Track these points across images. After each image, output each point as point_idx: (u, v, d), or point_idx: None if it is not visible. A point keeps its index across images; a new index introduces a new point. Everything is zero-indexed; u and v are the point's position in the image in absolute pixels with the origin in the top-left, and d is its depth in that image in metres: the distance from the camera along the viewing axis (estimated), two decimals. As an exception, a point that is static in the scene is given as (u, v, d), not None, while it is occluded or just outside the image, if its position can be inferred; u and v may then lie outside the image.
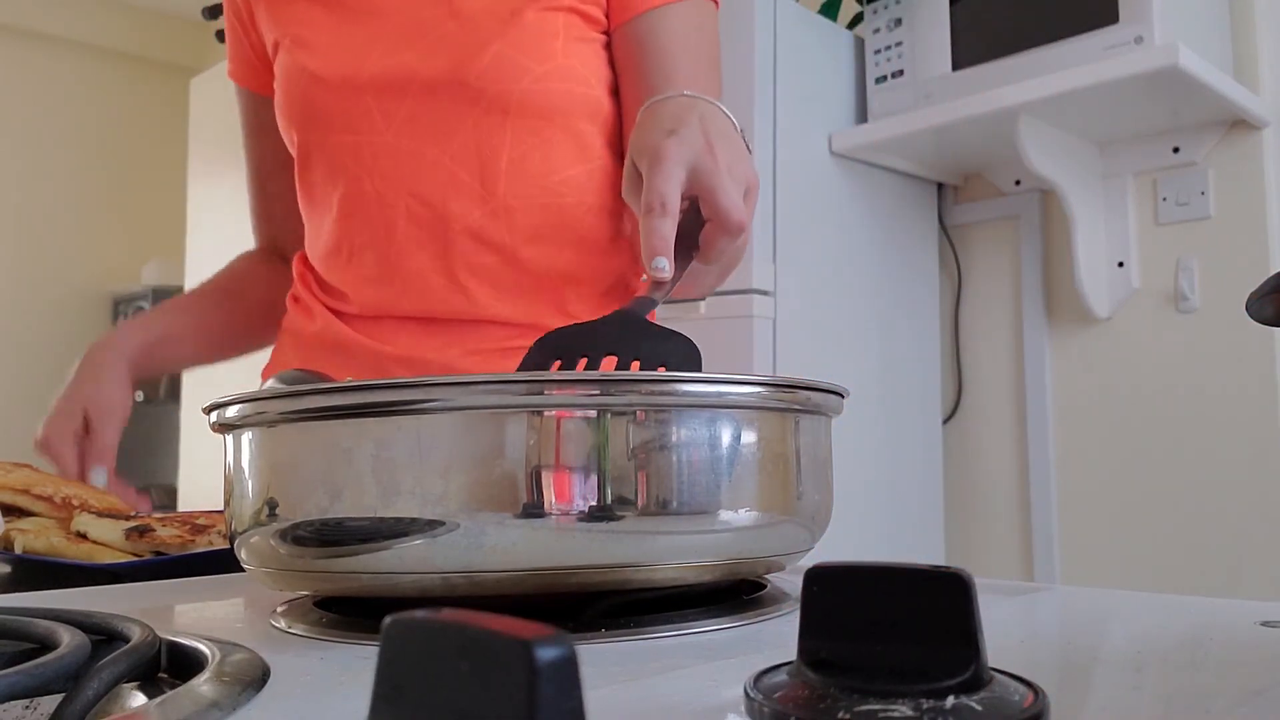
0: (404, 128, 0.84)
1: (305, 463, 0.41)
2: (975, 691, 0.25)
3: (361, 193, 0.87)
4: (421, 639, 0.18)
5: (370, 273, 0.88)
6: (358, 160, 0.86)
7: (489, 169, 0.84)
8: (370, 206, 0.87)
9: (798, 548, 0.45)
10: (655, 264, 0.61)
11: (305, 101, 0.88)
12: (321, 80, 0.86)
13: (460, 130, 0.83)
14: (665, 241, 0.61)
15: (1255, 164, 1.70)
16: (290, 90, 0.89)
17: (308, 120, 0.89)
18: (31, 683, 0.28)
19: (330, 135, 0.87)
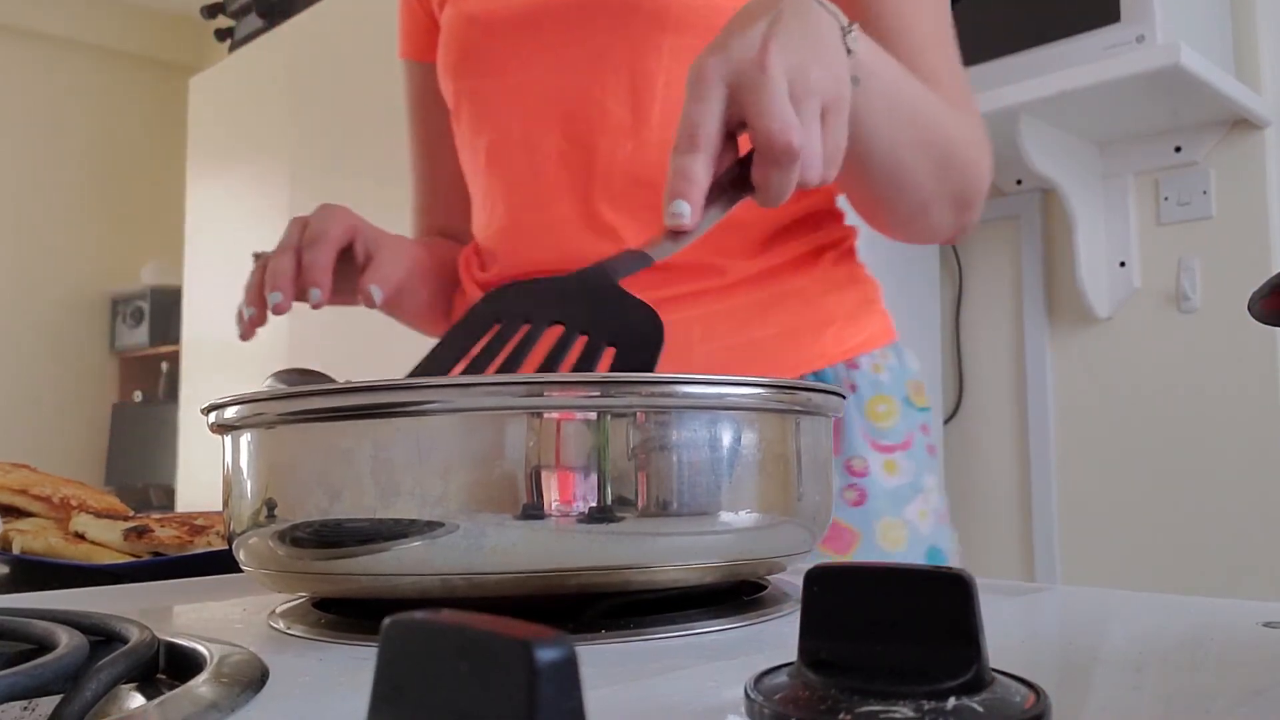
0: (555, 60, 0.78)
1: (304, 464, 0.41)
2: (976, 692, 0.25)
3: (508, 138, 0.81)
4: (421, 640, 0.18)
5: (512, 224, 0.82)
6: (508, 102, 0.81)
7: (642, 96, 0.76)
8: (515, 151, 0.81)
9: (798, 549, 0.45)
10: (672, 208, 0.52)
11: (460, 47, 0.84)
12: (478, 21, 0.82)
13: (612, 55, 0.76)
14: (688, 182, 0.52)
15: (1257, 163, 1.69)
16: (448, 40, 0.85)
17: (461, 66, 0.84)
18: (30, 683, 0.28)
19: (482, 79, 0.82)
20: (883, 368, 0.81)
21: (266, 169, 3.23)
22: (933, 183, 0.72)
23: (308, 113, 3.08)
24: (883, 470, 0.78)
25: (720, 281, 0.77)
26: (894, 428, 0.80)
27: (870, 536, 0.76)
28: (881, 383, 0.80)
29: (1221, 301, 1.72)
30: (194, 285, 3.57)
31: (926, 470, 0.81)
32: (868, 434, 0.78)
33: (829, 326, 0.79)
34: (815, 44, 0.54)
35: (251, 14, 3.36)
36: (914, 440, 0.80)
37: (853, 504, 0.76)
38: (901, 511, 0.77)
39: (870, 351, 0.81)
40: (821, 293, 0.80)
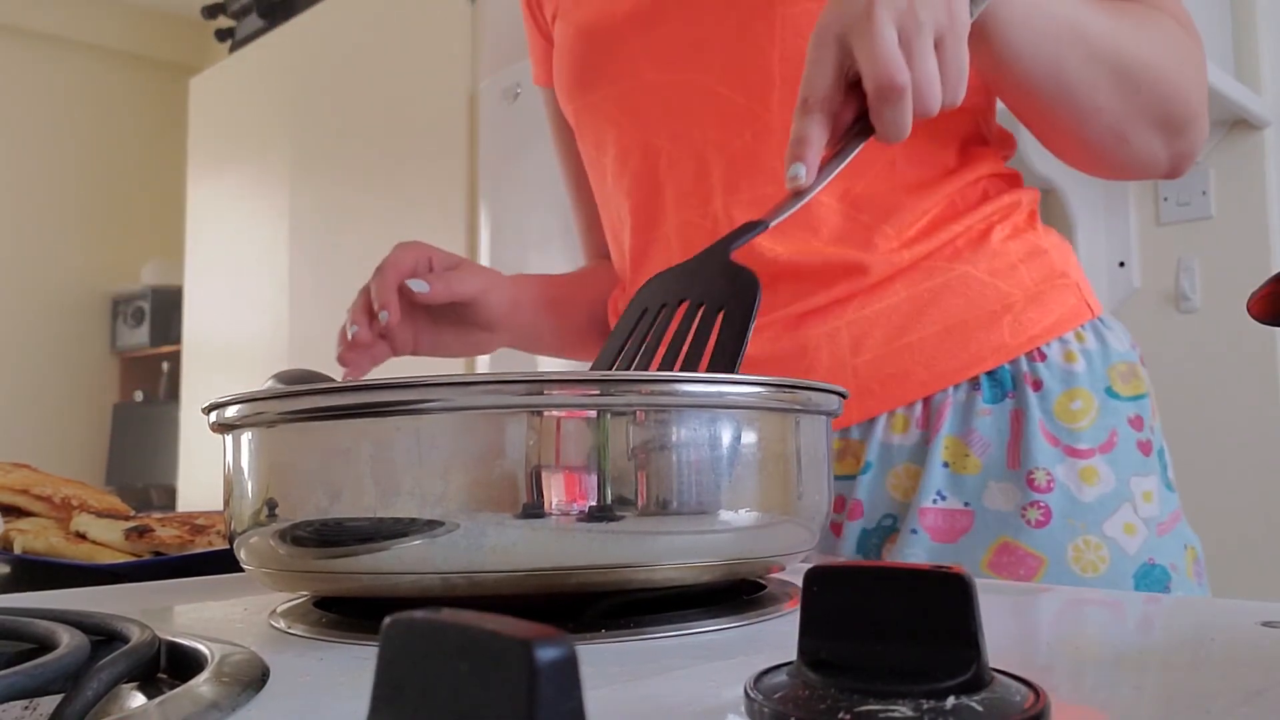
0: (664, 59, 0.74)
1: (305, 463, 0.41)
2: (976, 692, 0.25)
3: (627, 150, 0.78)
4: (421, 639, 0.18)
5: (639, 248, 0.78)
6: (622, 111, 0.77)
7: (757, 76, 0.71)
8: (636, 163, 0.77)
9: (798, 548, 0.45)
10: (791, 171, 0.54)
11: (573, 63, 0.80)
12: (585, 32, 0.79)
13: (721, 39, 0.72)
14: (803, 144, 0.53)
15: (1256, 164, 1.70)
16: (561, 57, 0.82)
17: (576, 83, 0.80)
18: (31, 683, 0.28)
19: (598, 92, 0.79)
20: (1077, 354, 0.70)
21: (266, 169, 3.23)
22: (1120, 103, 0.66)
23: (308, 113, 3.08)
24: (1077, 480, 0.68)
25: (864, 283, 0.70)
26: (1092, 426, 0.69)
27: (1060, 561, 0.66)
28: (1074, 374, 0.70)
29: (1221, 301, 1.72)
30: (194, 285, 3.57)
31: (1137, 471, 0.69)
32: (1057, 438, 0.69)
33: (1005, 314, 0.70)
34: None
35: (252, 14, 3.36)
36: (1119, 437, 0.69)
37: (1036, 525, 0.66)
38: (1101, 528, 0.67)
39: (1062, 336, 0.71)
40: (992, 276, 0.71)
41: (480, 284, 0.80)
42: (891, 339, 0.70)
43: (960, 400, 0.70)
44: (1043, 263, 0.73)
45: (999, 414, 0.70)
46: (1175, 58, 0.67)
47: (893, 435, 0.71)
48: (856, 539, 0.72)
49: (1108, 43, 0.65)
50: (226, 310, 3.37)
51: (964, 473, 0.69)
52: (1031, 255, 0.72)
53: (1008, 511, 0.67)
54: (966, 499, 0.68)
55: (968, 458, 0.69)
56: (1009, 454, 0.69)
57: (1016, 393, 0.70)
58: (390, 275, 0.76)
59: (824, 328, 0.71)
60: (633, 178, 0.78)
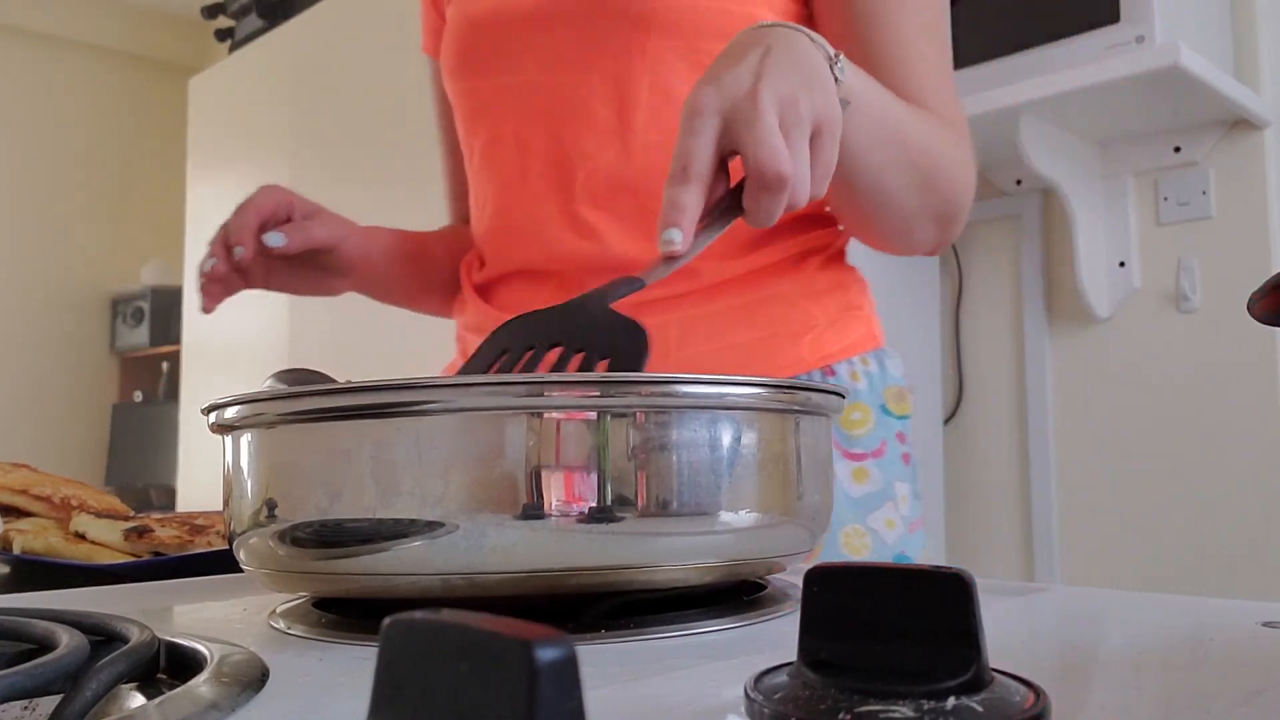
0: (548, 62, 0.79)
1: (304, 464, 0.41)
2: (976, 692, 0.25)
3: (500, 138, 0.83)
4: (421, 640, 0.18)
5: (500, 224, 0.84)
6: (501, 103, 0.82)
7: (626, 100, 0.77)
8: (506, 152, 0.82)
9: (798, 548, 0.45)
10: (665, 236, 0.54)
11: (459, 47, 0.85)
12: (476, 23, 0.83)
13: (601, 59, 0.77)
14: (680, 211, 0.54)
15: (1256, 164, 1.70)
16: (448, 41, 0.87)
17: (460, 66, 0.85)
18: (30, 683, 0.28)
19: (478, 79, 0.84)
20: (860, 375, 0.81)
21: (266, 169, 3.23)
22: (916, 201, 0.75)
23: (308, 113, 3.08)
24: (850, 478, 0.78)
25: (697, 285, 0.77)
26: (867, 435, 0.80)
27: (833, 544, 0.76)
28: (858, 390, 0.81)
29: (1221, 301, 1.72)
30: (194, 285, 3.56)
31: (899, 478, 0.81)
32: (838, 441, 0.79)
33: (808, 333, 0.80)
34: (804, 74, 0.57)
35: (251, 14, 3.36)
36: (887, 448, 0.81)
37: None
38: (865, 519, 0.78)
39: (850, 358, 0.81)
40: (802, 298, 0.80)
41: (336, 233, 0.85)
42: (713, 339, 0.77)
43: None
44: (844, 295, 0.84)
45: None
46: (960, 165, 0.77)
47: None
48: None
49: (918, 151, 0.73)
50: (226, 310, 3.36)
51: None
52: (836, 287, 0.83)
53: None
54: None
55: None
56: None
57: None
58: (250, 214, 0.82)
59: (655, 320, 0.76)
60: (501, 165, 0.83)
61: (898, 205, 0.75)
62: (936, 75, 0.78)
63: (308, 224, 0.83)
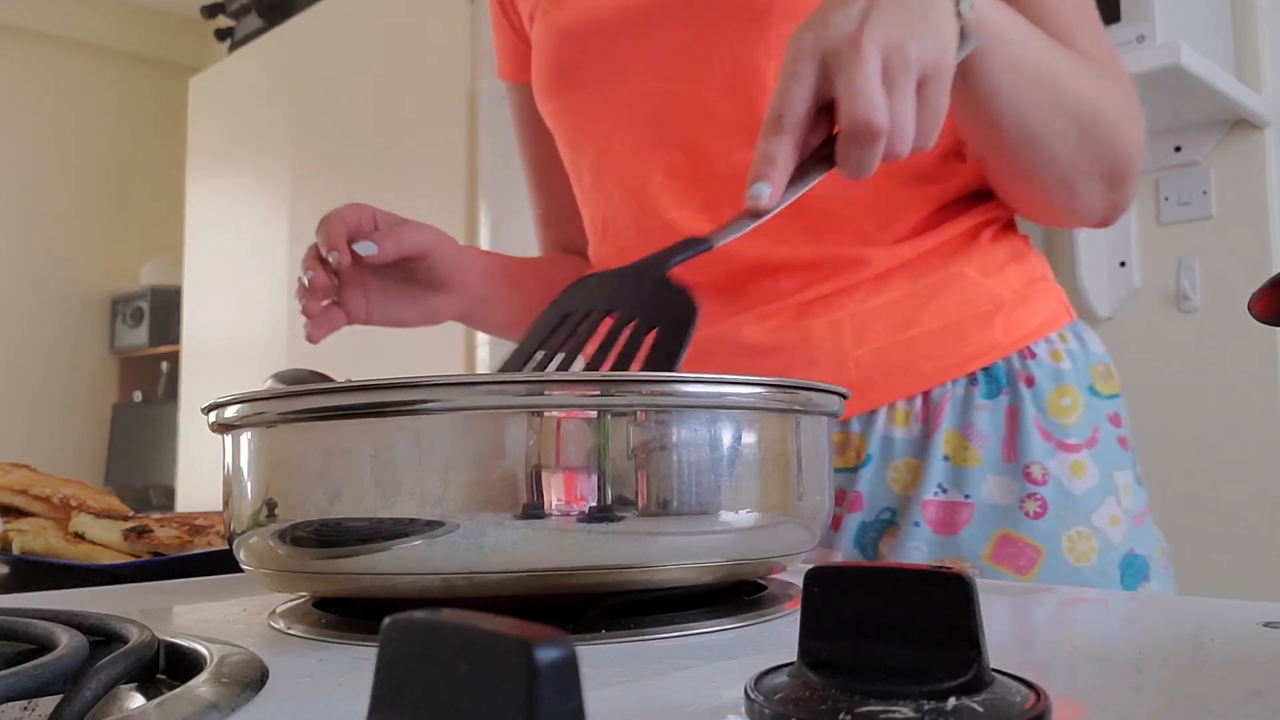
0: (656, 67, 0.74)
1: (304, 463, 0.41)
2: (976, 693, 0.25)
3: (612, 152, 0.78)
4: (421, 640, 0.18)
5: (628, 239, 0.78)
6: (606, 115, 0.78)
7: (752, 94, 0.71)
8: (621, 164, 0.77)
9: (798, 548, 0.45)
10: (753, 190, 0.52)
11: (554, 63, 0.80)
12: (571, 33, 0.78)
13: (719, 55, 0.72)
14: (771, 164, 0.52)
15: (1257, 163, 1.69)
16: (541, 56, 0.81)
17: (557, 84, 0.80)
18: (29, 684, 0.28)
19: (579, 95, 0.79)
20: (1063, 354, 0.73)
21: (266, 169, 3.23)
22: (1075, 152, 0.68)
23: (308, 113, 3.08)
24: (1069, 473, 0.70)
25: (866, 274, 0.72)
26: (1079, 422, 0.72)
27: (1056, 552, 0.68)
28: (1063, 371, 0.73)
29: (1221, 301, 1.72)
30: (194, 285, 3.57)
31: (1117, 466, 0.73)
32: (1050, 433, 0.71)
33: (997, 313, 0.72)
34: (917, 16, 0.53)
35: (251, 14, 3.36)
36: (1101, 434, 0.73)
37: (1033, 516, 0.69)
38: (1090, 519, 0.69)
39: (1047, 336, 0.74)
40: (983, 275, 0.73)
41: (431, 238, 0.79)
42: (893, 332, 0.71)
43: (959, 395, 0.72)
44: (1026, 265, 0.76)
45: (995, 409, 0.71)
46: (1126, 115, 0.69)
47: (894, 428, 0.72)
48: (855, 532, 0.72)
49: (1073, 95, 0.66)
50: (226, 310, 3.37)
51: (964, 465, 0.70)
52: (1016, 258, 0.75)
53: (1006, 504, 0.69)
54: (967, 491, 0.70)
55: (967, 451, 0.70)
56: (1005, 448, 0.71)
57: (1011, 389, 0.72)
58: (337, 225, 0.75)
59: (827, 318, 0.72)
60: (619, 181, 0.78)
61: (1053, 155, 0.67)
62: (1089, 25, 0.71)
63: (398, 230, 0.77)
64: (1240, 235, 1.71)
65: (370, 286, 0.79)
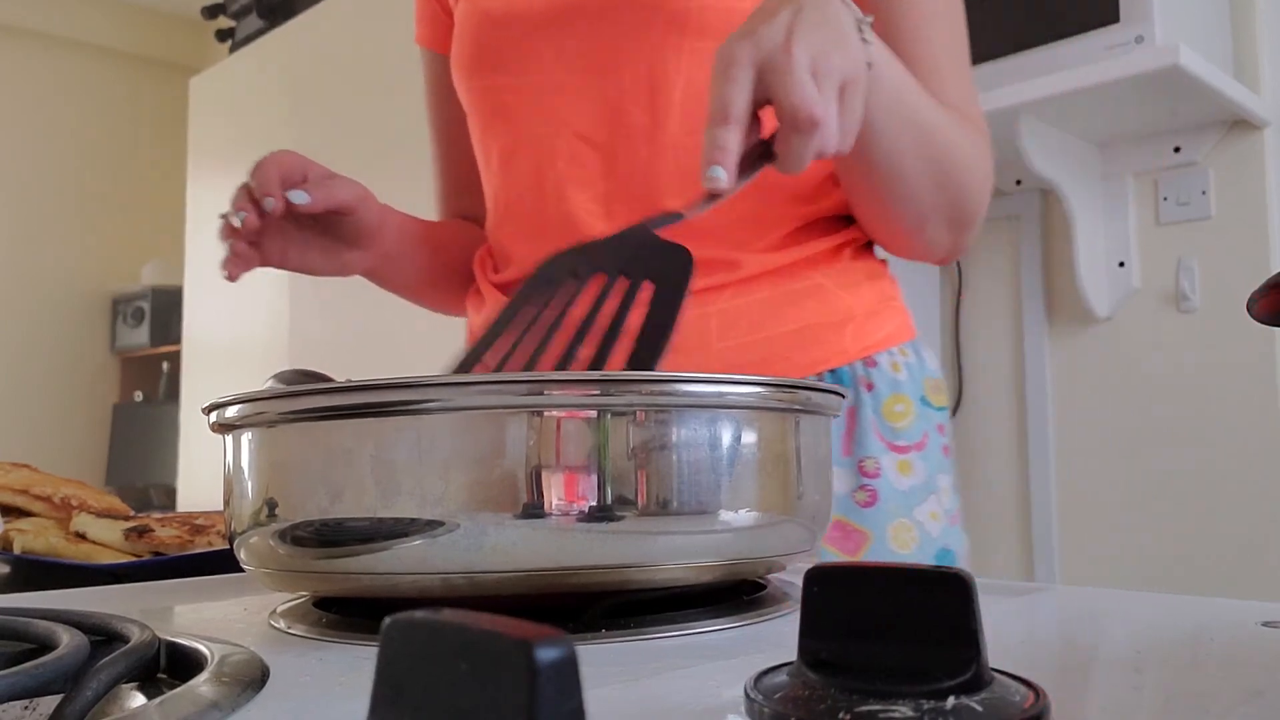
0: (574, 62, 0.78)
1: (305, 463, 0.41)
2: (976, 692, 0.25)
3: (522, 137, 0.82)
4: (421, 639, 0.18)
5: (527, 223, 0.83)
6: (521, 102, 0.81)
7: (661, 100, 0.76)
8: (530, 150, 0.81)
9: (798, 548, 0.45)
10: (710, 173, 0.56)
11: (475, 44, 0.83)
12: (493, 18, 0.82)
13: (633, 58, 0.77)
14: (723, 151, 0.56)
15: (1256, 164, 1.69)
16: (462, 36, 0.85)
17: (475, 64, 0.84)
18: (30, 683, 0.28)
19: (496, 78, 0.82)
20: (901, 366, 0.81)
21: (266, 169, 3.22)
22: (930, 195, 0.75)
23: (308, 113, 3.08)
24: (896, 471, 0.77)
25: (736, 276, 0.77)
26: (910, 427, 0.79)
27: (881, 538, 0.75)
28: (899, 381, 0.80)
29: (1221, 301, 1.72)
30: (194, 285, 3.57)
31: (940, 470, 0.80)
32: (883, 434, 0.78)
33: (848, 323, 0.79)
34: (834, 32, 0.59)
35: (252, 14, 3.36)
36: (929, 440, 0.80)
37: (864, 505, 0.76)
38: (913, 513, 0.77)
39: (889, 349, 0.81)
40: (840, 289, 0.80)
41: (357, 192, 0.82)
42: (753, 330, 0.77)
43: None
44: (880, 285, 0.83)
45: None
46: (978, 167, 0.77)
47: None
48: None
49: (936, 140, 0.72)
50: (226, 310, 3.37)
51: None
52: (871, 277, 0.83)
53: (842, 493, 0.76)
54: None
55: None
56: (844, 442, 0.77)
57: (853, 391, 0.78)
58: (272, 170, 0.77)
59: (696, 312, 0.76)
60: (525, 166, 0.82)
61: (912, 194, 0.74)
62: (958, 75, 0.78)
63: (328, 182, 0.79)
64: (1239, 235, 1.71)
65: (290, 234, 0.82)
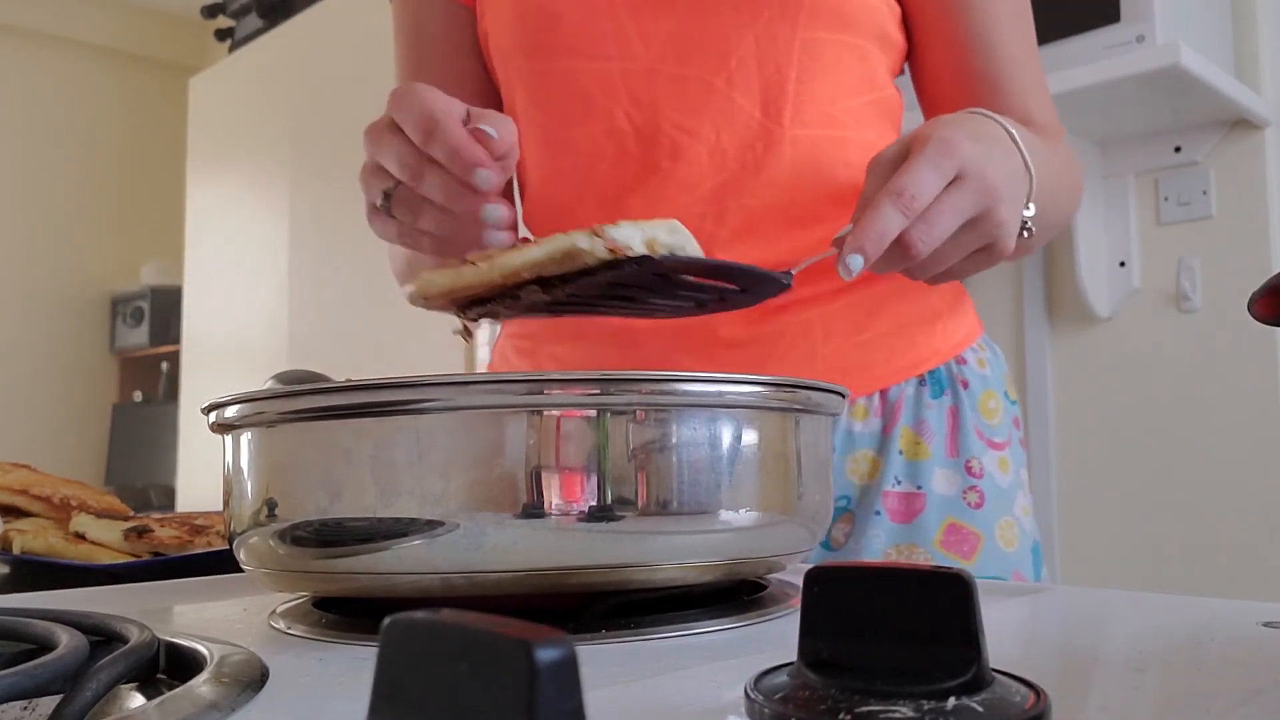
0: (665, 49, 0.72)
1: (304, 463, 0.41)
2: (976, 692, 0.25)
3: (597, 126, 0.73)
4: (421, 639, 0.18)
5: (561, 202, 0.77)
6: (597, 87, 0.73)
7: (774, 92, 0.71)
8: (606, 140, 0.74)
9: (798, 548, 0.45)
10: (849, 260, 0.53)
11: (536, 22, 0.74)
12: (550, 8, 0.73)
13: (739, 46, 0.71)
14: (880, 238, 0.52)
15: (1257, 163, 1.69)
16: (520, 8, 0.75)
17: (535, 44, 0.74)
18: (30, 683, 0.28)
19: (562, 60, 0.74)
20: (986, 362, 0.80)
21: (266, 169, 3.23)
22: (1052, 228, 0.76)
23: (308, 113, 3.08)
24: (997, 468, 0.77)
25: (833, 285, 0.75)
26: (1001, 424, 0.79)
27: (991, 538, 0.74)
28: (986, 378, 0.79)
29: (1221, 301, 1.72)
30: (194, 285, 3.57)
31: (1022, 465, 0.80)
32: (982, 432, 0.77)
33: (936, 321, 0.78)
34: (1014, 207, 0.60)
35: (251, 14, 3.36)
36: (1013, 435, 0.80)
37: (975, 506, 0.75)
38: (1013, 509, 0.76)
39: (972, 345, 0.80)
40: (921, 288, 0.77)
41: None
42: (852, 334, 0.76)
43: (911, 394, 0.77)
44: (952, 284, 0.82)
45: (939, 408, 0.77)
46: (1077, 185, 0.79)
47: (854, 423, 0.77)
48: None
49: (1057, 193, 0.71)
50: (226, 310, 3.37)
51: (917, 459, 0.76)
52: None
53: (952, 495, 0.75)
54: (919, 483, 0.75)
55: (919, 445, 0.76)
56: (948, 444, 0.77)
57: (951, 391, 0.78)
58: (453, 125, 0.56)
59: (799, 317, 0.75)
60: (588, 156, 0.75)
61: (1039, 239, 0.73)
62: (1039, 85, 0.78)
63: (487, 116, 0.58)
64: (1240, 235, 1.71)
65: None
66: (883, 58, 0.76)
